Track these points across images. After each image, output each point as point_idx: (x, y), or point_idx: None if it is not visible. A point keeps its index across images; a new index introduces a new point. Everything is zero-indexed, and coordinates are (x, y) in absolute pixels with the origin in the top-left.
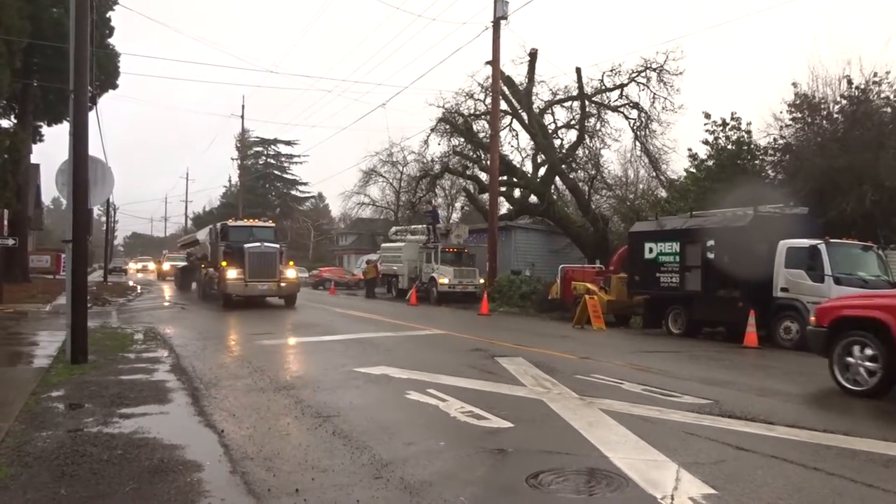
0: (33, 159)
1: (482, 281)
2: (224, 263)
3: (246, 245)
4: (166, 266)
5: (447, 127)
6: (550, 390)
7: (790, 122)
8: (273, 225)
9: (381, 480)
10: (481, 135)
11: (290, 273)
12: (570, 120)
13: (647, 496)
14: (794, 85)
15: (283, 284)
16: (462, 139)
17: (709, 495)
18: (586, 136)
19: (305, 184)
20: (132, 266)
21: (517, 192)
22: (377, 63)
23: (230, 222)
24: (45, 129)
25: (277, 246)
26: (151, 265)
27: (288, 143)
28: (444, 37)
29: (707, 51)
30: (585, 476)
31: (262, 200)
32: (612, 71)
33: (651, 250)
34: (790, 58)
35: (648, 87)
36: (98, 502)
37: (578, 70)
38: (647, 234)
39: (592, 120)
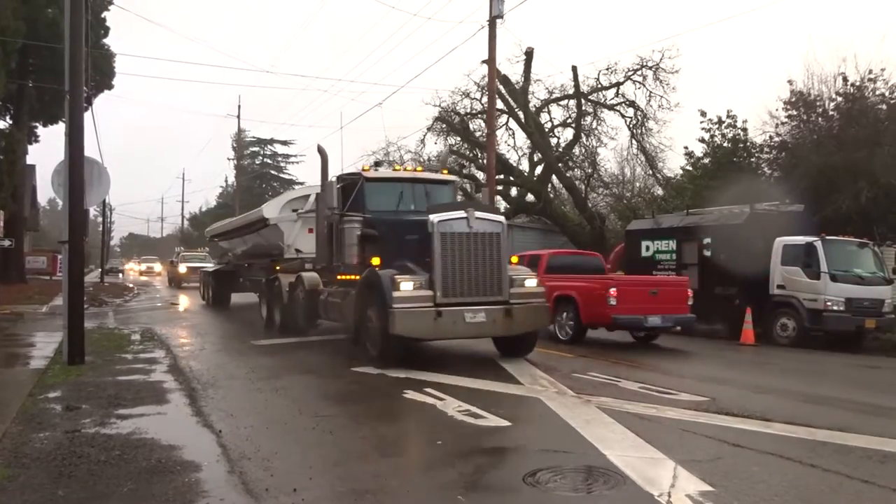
0: (29, 160)
1: None
2: (376, 262)
3: (434, 218)
4: (182, 269)
5: (443, 126)
6: (548, 388)
7: (786, 120)
8: (454, 178)
9: (379, 479)
10: (478, 134)
11: (531, 282)
12: (567, 118)
13: (645, 494)
14: (790, 82)
15: (516, 309)
16: (458, 138)
17: (706, 492)
18: (583, 135)
19: (302, 184)
20: (134, 267)
21: (514, 191)
22: (373, 62)
23: (366, 171)
24: (40, 130)
25: (502, 219)
26: (158, 266)
27: (284, 142)
28: (440, 35)
29: (703, 49)
30: (583, 474)
31: (258, 200)
32: (608, 69)
33: (648, 248)
34: (786, 55)
35: (644, 86)
36: (96, 503)
37: (574, 68)
38: (643, 232)
39: (589, 118)
